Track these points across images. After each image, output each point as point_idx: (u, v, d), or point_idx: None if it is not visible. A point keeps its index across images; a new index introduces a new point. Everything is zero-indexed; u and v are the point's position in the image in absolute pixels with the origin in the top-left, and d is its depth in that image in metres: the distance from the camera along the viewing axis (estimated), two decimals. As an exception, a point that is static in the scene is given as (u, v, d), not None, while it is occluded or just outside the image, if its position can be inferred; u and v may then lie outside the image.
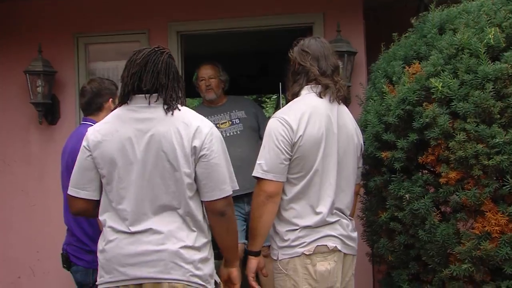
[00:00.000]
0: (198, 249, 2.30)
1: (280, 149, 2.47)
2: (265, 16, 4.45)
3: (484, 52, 2.47)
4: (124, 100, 2.35)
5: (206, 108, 4.22)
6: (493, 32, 2.53)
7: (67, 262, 3.19)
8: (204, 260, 2.32)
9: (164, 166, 2.25)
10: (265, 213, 2.50)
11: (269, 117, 2.75)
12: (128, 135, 2.29)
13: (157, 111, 2.29)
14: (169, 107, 2.29)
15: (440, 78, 2.53)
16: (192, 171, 2.27)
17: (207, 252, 2.35)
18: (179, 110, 2.31)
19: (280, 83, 2.84)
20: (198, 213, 2.31)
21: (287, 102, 2.72)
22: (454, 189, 2.53)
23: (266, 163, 2.48)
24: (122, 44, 4.53)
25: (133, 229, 2.27)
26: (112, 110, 2.43)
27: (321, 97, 2.57)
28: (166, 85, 2.30)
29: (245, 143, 4.05)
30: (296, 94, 2.62)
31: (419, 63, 2.72)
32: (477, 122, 2.44)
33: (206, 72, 4.18)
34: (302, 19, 4.43)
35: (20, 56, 4.58)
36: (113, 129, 2.32)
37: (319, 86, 2.58)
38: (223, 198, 2.30)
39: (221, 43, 6.09)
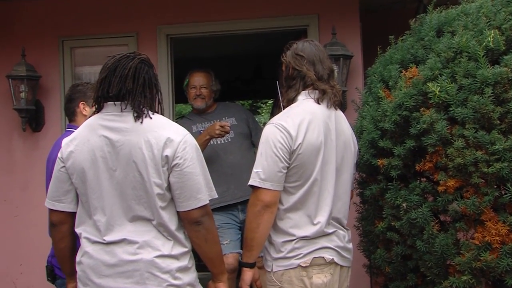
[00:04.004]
0: (176, 257, 2.31)
1: (278, 156, 2.46)
2: (258, 19, 4.47)
3: (483, 56, 2.48)
4: (97, 107, 2.37)
5: (195, 116, 4.22)
6: (492, 34, 2.54)
7: (52, 275, 3.17)
8: (183, 269, 2.32)
9: (134, 176, 2.27)
10: (262, 223, 2.49)
11: (264, 123, 2.74)
12: (98, 144, 2.31)
13: (128, 119, 2.30)
14: (138, 115, 2.29)
15: (438, 83, 2.53)
16: (164, 181, 2.27)
17: (187, 261, 2.35)
18: (150, 118, 2.31)
19: (277, 82, 2.82)
20: (171, 224, 2.31)
21: (279, 108, 2.71)
22: (453, 198, 2.53)
23: (263, 171, 2.47)
24: (110, 47, 4.53)
25: (108, 239, 2.30)
26: (90, 116, 2.45)
27: (318, 103, 2.57)
28: (133, 91, 2.30)
29: (236, 151, 4.05)
30: (292, 100, 2.62)
31: (416, 67, 2.73)
32: (476, 128, 2.45)
33: (198, 81, 4.15)
34: (296, 21, 4.44)
35: (2, 61, 4.58)
36: (85, 139, 2.35)
37: (317, 91, 2.57)
38: (199, 207, 2.31)
39: (212, 46, 6.10)
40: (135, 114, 2.29)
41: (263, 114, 15.00)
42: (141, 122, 2.28)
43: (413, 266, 2.77)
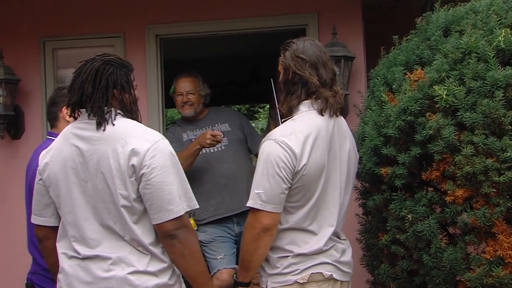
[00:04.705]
0: (153, 274, 2.30)
1: (282, 177, 2.43)
2: (254, 18, 4.48)
3: (493, 56, 2.48)
4: (71, 115, 2.39)
5: (186, 123, 4.22)
6: (503, 34, 2.54)
7: (32, 292, 3.16)
8: (162, 287, 2.31)
9: (103, 189, 2.28)
10: (261, 246, 2.48)
11: (262, 129, 2.72)
12: (70, 155, 2.33)
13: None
14: (99, 122, 2.29)
15: (445, 86, 2.53)
16: (132, 192, 2.26)
17: (167, 278, 2.33)
18: (113, 125, 2.29)
19: (272, 80, 2.79)
20: (146, 238, 2.30)
21: (275, 112, 2.69)
22: (461, 209, 2.53)
23: (265, 192, 2.44)
24: (95, 49, 4.47)
25: (83, 253, 2.31)
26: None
27: (322, 114, 2.53)
28: (92, 95, 2.30)
29: (231, 159, 4.05)
30: (293, 108, 2.57)
31: (422, 69, 2.73)
32: (486, 134, 2.45)
33: (184, 87, 4.14)
34: (294, 20, 4.46)
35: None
36: (59, 149, 2.37)
37: (319, 101, 2.54)
38: (172, 220, 2.27)
39: (205, 47, 6.12)
40: (97, 121, 2.29)
41: (260, 119, 15.02)
42: (104, 130, 2.27)
43: (420, 282, 2.76)
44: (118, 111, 2.34)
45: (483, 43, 2.54)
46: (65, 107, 3.20)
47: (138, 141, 2.27)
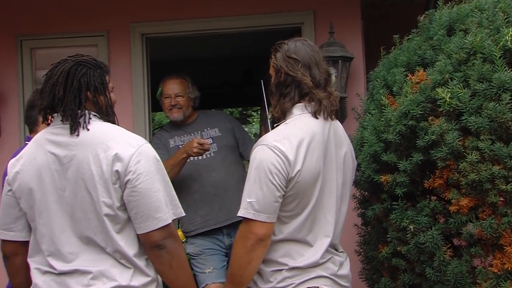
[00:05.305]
0: None
1: (275, 185, 2.43)
2: (246, 16, 4.49)
3: (500, 57, 2.47)
4: (43, 120, 2.37)
5: (173, 128, 4.21)
6: (510, 33, 2.55)
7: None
8: None
9: (83, 196, 2.26)
10: (254, 259, 2.47)
11: (255, 134, 2.71)
12: (45, 162, 2.30)
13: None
14: (72, 127, 2.27)
15: (449, 88, 2.53)
16: (116, 200, 2.25)
17: None
18: (87, 129, 2.28)
19: (262, 81, 2.79)
20: (130, 249, 2.29)
21: (267, 120, 2.69)
22: (467, 219, 2.53)
23: (258, 201, 2.43)
24: (76, 48, 4.49)
25: (59, 269, 2.28)
26: None
27: (316, 117, 2.54)
28: (64, 98, 2.28)
29: (220, 166, 4.04)
30: (287, 112, 2.57)
31: (424, 70, 2.74)
32: (492, 139, 2.45)
33: (173, 89, 4.11)
34: (289, 19, 4.48)
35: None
36: (31, 157, 2.34)
37: (313, 103, 2.55)
38: (160, 228, 2.28)
39: (195, 47, 6.12)
40: (70, 125, 2.27)
41: (254, 123, 15.02)
42: (77, 135, 2.26)
43: (423, 298, 2.77)
44: (94, 113, 2.33)
45: (489, 43, 2.54)
46: None
47: (121, 145, 2.26)
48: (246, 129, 7.20)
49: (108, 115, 2.38)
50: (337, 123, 2.66)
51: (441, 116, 2.56)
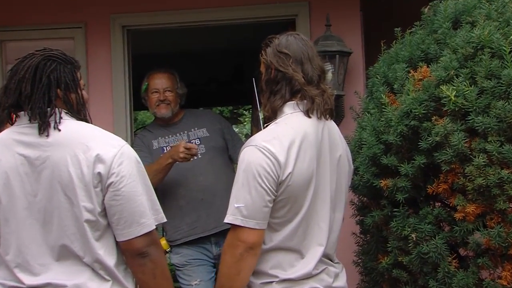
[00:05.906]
0: None
1: (264, 188, 2.42)
2: (235, 7, 4.48)
3: (509, 52, 2.48)
4: (7, 119, 2.33)
5: (158, 128, 4.21)
6: (521, 26, 2.57)
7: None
8: None
9: (60, 201, 2.23)
10: (244, 269, 2.46)
11: (246, 135, 2.70)
12: (13, 165, 2.27)
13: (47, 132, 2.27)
14: (41, 126, 2.24)
15: (454, 85, 2.54)
16: (97, 205, 2.24)
17: None
18: (59, 130, 2.25)
19: (254, 78, 2.79)
20: (109, 258, 2.28)
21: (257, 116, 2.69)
22: (473, 227, 2.53)
23: (246, 206, 2.42)
24: (51, 41, 4.47)
25: (28, 283, 2.25)
26: None
27: (309, 116, 2.54)
28: (31, 96, 2.25)
29: (208, 169, 4.04)
30: (278, 110, 2.57)
31: (428, 66, 2.74)
32: (500, 141, 2.45)
33: (161, 83, 4.12)
34: (282, 10, 4.47)
35: None
36: None
37: (305, 101, 2.55)
38: (143, 235, 2.28)
39: (181, 40, 6.13)
40: (38, 125, 2.25)
41: (245, 123, 15.05)
42: (47, 136, 2.24)
43: (426, 312, 2.76)
44: (65, 111, 2.31)
45: (498, 37, 2.54)
46: None
47: (102, 146, 2.25)
48: (237, 130, 7.19)
49: (80, 114, 2.36)
50: (332, 124, 2.65)
51: (445, 115, 2.56)
